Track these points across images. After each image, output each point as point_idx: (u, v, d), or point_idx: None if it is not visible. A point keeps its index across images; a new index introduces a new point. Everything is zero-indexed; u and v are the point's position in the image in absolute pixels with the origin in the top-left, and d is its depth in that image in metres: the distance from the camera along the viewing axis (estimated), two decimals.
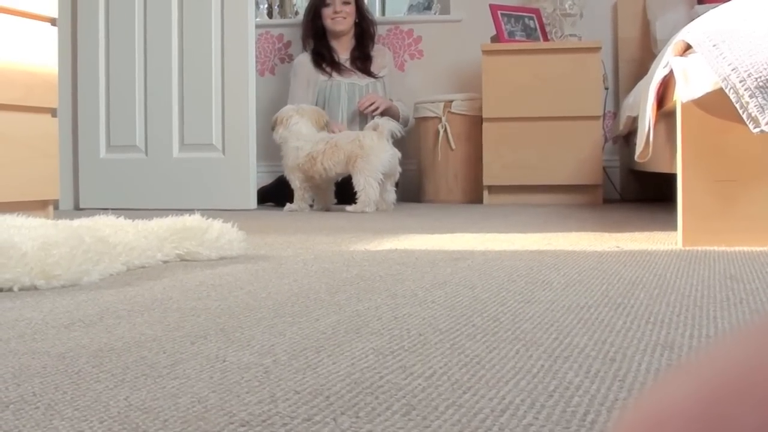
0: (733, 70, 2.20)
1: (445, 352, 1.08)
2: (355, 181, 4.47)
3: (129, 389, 0.93)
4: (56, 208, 4.04)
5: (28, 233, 1.88)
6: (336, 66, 5.54)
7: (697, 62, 2.32)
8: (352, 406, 0.85)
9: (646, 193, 5.32)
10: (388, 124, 4.57)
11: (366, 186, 4.41)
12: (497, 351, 1.09)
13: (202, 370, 1.01)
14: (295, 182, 4.65)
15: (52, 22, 3.68)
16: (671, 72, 2.49)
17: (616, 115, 5.54)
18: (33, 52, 3.55)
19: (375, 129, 4.51)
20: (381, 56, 5.66)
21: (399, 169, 4.63)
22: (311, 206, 4.74)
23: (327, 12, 5.52)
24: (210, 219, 2.28)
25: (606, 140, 5.48)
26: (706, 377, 0.32)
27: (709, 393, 0.31)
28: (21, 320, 1.39)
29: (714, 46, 2.27)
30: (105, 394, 0.91)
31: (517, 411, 0.83)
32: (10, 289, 1.73)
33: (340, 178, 4.73)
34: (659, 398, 0.33)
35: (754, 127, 2.16)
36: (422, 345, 1.13)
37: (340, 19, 5.51)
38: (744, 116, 2.17)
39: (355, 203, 4.46)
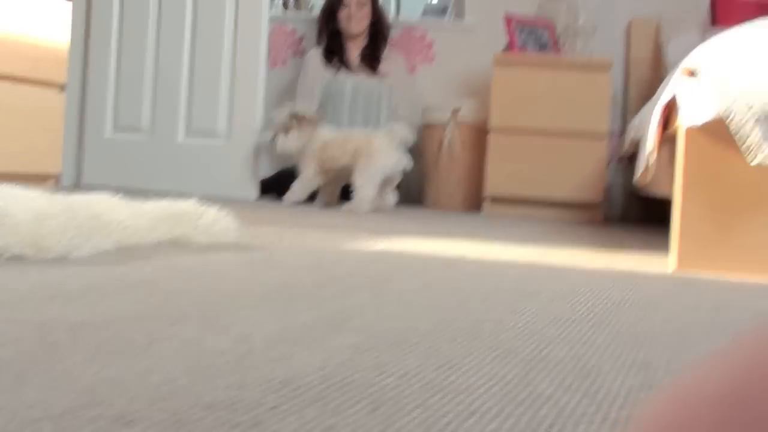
0: (735, 100, 2.20)
1: (422, 354, 1.08)
2: (354, 178, 4.48)
3: (101, 364, 0.93)
4: (58, 183, 4.03)
5: (24, 204, 1.88)
6: (345, 64, 5.54)
7: (701, 89, 2.32)
8: (320, 399, 0.85)
9: (647, 215, 5.32)
10: (402, 132, 4.60)
11: (364, 185, 4.42)
12: (474, 356, 1.09)
13: (176, 352, 1.01)
14: (308, 171, 4.66)
15: None
16: (676, 96, 2.49)
17: (622, 135, 5.53)
18: (44, 25, 3.55)
19: (389, 133, 4.55)
20: (392, 61, 5.66)
21: (399, 175, 4.67)
22: (311, 199, 4.75)
23: (343, 13, 5.53)
24: (205, 205, 2.28)
25: (610, 160, 5.48)
26: (729, 366, 0.32)
27: (732, 379, 0.31)
28: (5, 289, 1.39)
29: (719, 74, 2.27)
30: (77, 367, 0.91)
31: (483, 417, 0.83)
32: None
33: (347, 179, 4.71)
34: (682, 386, 0.33)
35: (752, 159, 2.16)
36: (400, 345, 1.13)
37: (355, 21, 5.52)
38: (743, 147, 2.17)
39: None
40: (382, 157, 4.47)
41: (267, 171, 5.48)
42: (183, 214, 2.20)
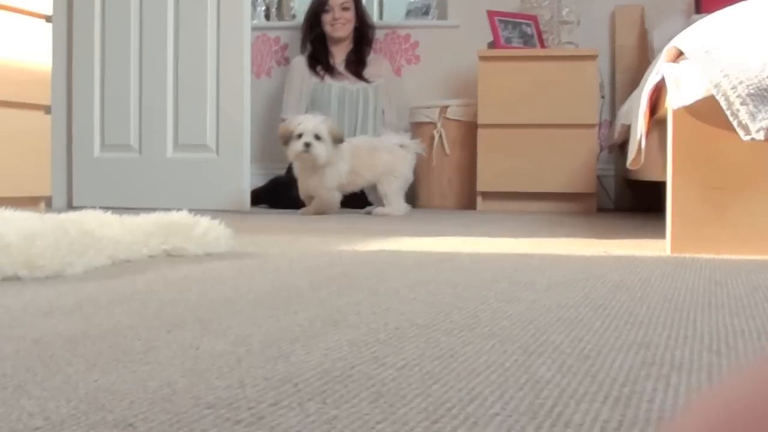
0: (725, 76, 2.20)
1: (420, 345, 1.08)
2: (386, 188, 4.52)
3: (100, 373, 0.93)
4: (49, 205, 4.03)
5: (14, 224, 1.88)
6: (330, 69, 5.56)
7: (689, 69, 2.33)
8: (320, 393, 0.85)
9: (640, 202, 5.32)
10: (417, 147, 4.70)
11: (397, 197, 4.53)
12: (472, 345, 1.09)
13: (174, 357, 1.01)
14: (334, 198, 4.51)
15: (47, 18, 3.69)
16: (663, 78, 2.49)
17: (611, 123, 5.55)
18: (27, 48, 3.55)
19: (402, 146, 4.57)
20: (378, 65, 5.68)
21: None
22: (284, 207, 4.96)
23: (326, 18, 5.54)
24: (197, 216, 2.28)
25: (601, 149, 5.49)
26: (725, 403, 0.33)
27: (726, 419, 0.32)
28: (0, 308, 1.39)
29: (706, 52, 2.28)
30: (75, 377, 0.91)
31: (485, 401, 0.83)
32: None
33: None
34: (685, 422, 0.34)
35: (745, 135, 2.16)
36: (398, 338, 1.13)
37: (339, 26, 5.53)
38: (735, 123, 2.17)
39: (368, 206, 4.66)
40: (408, 169, 4.60)
41: (258, 181, 5.49)
42: (175, 225, 2.20)
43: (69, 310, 1.36)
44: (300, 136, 4.27)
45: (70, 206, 5.18)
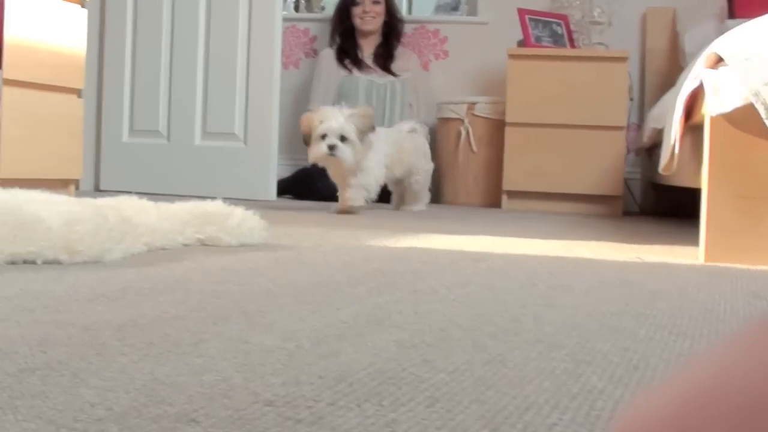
0: (764, 85, 2.19)
1: (467, 349, 1.08)
2: (415, 180, 4.36)
3: (153, 363, 0.94)
4: (77, 188, 4.05)
5: (54, 208, 1.89)
6: (358, 63, 5.56)
7: (728, 75, 2.31)
8: (375, 394, 0.85)
9: (666, 207, 5.30)
10: (424, 130, 4.69)
11: (426, 189, 4.49)
12: (519, 351, 1.09)
13: (225, 350, 1.02)
14: (374, 172, 4.06)
15: (82, 4, 3.70)
16: (701, 84, 2.48)
17: (640, 126, 5.53)
18: (62, 32, 3.57)
19: (413, 131, 4.49)
20: (406, 59, 5.67)
21: None
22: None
23: (356, 11, 5.54)
24: (232, 205, 2.29)
25: (628, 152, 5.47)
26: (685, 388, 0.33)
27: (685, 403, 0.32)
28: (45, 292, 1.40)
29: (746, 59, 2.27)
30: (130, 367, 0.92)
31: (540, 410, 0.83)
32: (33, 262, 1.75)
33: None
34: (642, 407, 0.34)
35: None
36: (444, 341, 1.13)
37: (369, 19, 5.54)
38: None
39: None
40: (429, 159, 4.53)
41: (284, 171, 5.50)
42: (211, 215, 2.21)
43: (114, 297, 1.37)
44: (324, 137, 3.83)
45: (97, 189, 5.21)
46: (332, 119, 3.83)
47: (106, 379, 0.87)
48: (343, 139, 3.82)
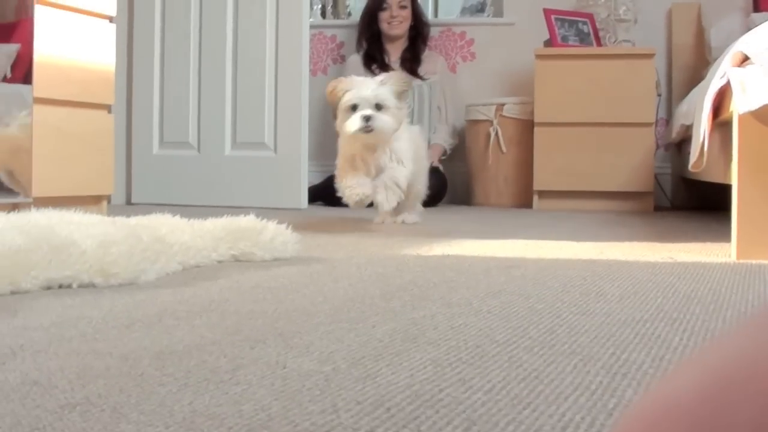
0: None
1: (503, 365, 1.09)
2: (420, 182, 3.71)
3: (192, 394, 0.94)
4: (108, 202, 4.08)
5: (87, 230, 1.91)
6: (385, 68, 5.56)
7: (755, 73, 2.30)
8: (413, 419, 0.86)
9: (697, 201, 5.28)
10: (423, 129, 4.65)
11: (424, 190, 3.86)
12: (555, 365, 1.09)
13: (263, 377, 1.02)
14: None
15: (110, 19, 3.72)
16: (728, 82, 2.47)
17: (668, 122, 5.50)
18: (91, 48, 3.59)
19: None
20: (432, 62, 5.68)
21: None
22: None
23: (384, 16, 5.56)
24: (264, 220, 2.30)
25: (658, 147, 5.44)
26: (705, 371, 0.33)
27: (707, 386, 0.32)
28: (82, 318, 1.41)
29: None
30: (169, 398, 0.93)
31: (578, 429, 0.83)
32: (69, 286, 1.76)
33: None
34: (658, 394, 0.34)
35: None
36: (480, 357, 1.13)
37: (396, 23, 5.55)
38: None
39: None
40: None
41: (315, 178, 5.51)
42: (243, 230, 2.22)
43: (150, 323, 1.38)
44: (354, 108, 3.25)
45: (129, 203, 5.24)
46: (363, 85, 3.28)
47: (145, 413, 0.87)
48: (378, 107, 3.24)
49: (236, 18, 5.05)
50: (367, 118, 3.19)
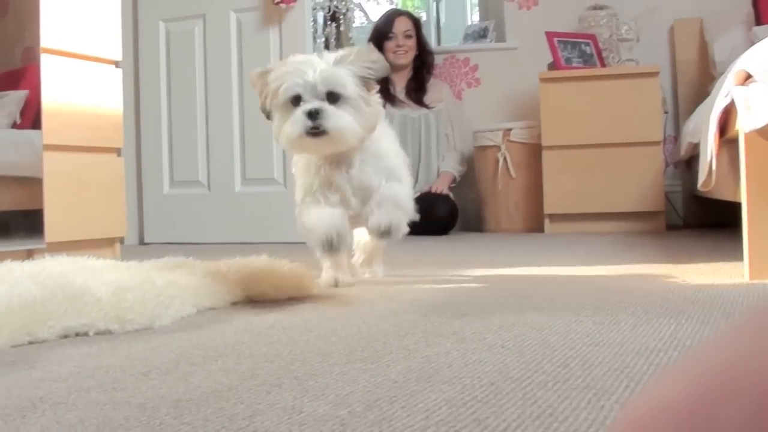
0: None
1: (518, 403, 1.10)
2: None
3: None
4: (121, 243, 4.10)
5: (101, 277, 1.93)
6: (390, 98, 5.58)
7: (758, 91, 2.31)
8: None
9: (710, 218, 5.27)
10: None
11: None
12: (569, 401, 1.10)
13: (279, 422, 1.03)
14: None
15: (116, 64, 3.76)
16: (733, 101, 2.48)
17: (676, 139, 5.51)
18: (98, 93, 3.63)
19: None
20: (438, 90, 5.70)
21: None
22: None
23: (389, 45, 5.58)
24: (277, 259, 2.31)
25: (667, 165, 5.45)
26: (695, 377, 0.33)
27: (698, 393, 0.33)
28: (99, 367, 1.43)
29: None
30: None
31: None
32: (85, 334, 1.78)
33: None
34: (650, 398, 0.35)
35: None
36: (495, 395, 1.14)
37: (401, 53, 5.58)
38: None
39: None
40: None
41: None
42: (258, 271, 2.24)
43: (166, 369, 1.39)
44: (297, 100, 2.18)
45: (142, 242, 5.27)
46: (307, 69, 2.18)
47: None
48: (332, 98, 2.18)
49: (240, 54, 5.09)
50: (313, 114, 2.14)
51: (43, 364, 1.49)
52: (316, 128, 2.13)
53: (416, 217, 2.29)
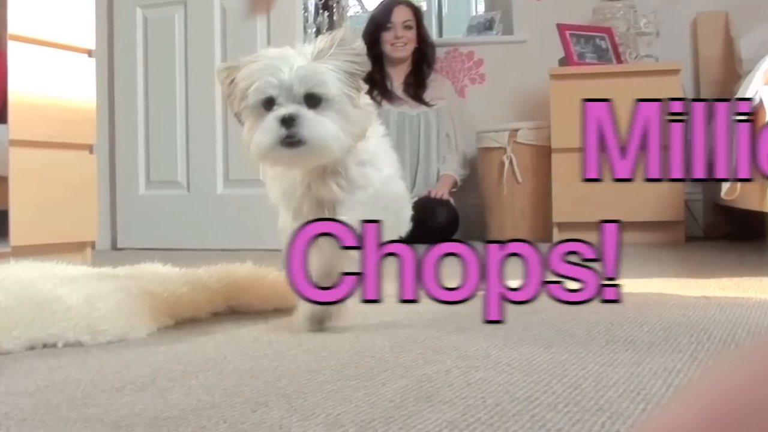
0: None
1: (525, 426, 1.10)
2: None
3: None
4: (93, 248, 4.10)
5: (71, 285, 1.93)
6: (387, 94, 5.57)
7: None
8: None
9: (733, 229, 5.27)
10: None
11: None
12: (581, 424, 1.10)
13: None
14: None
15: (89, 53, 3.76)
16: (761, 101, 2.50)
17: None
18: (70, 85, 3.63)
19: None
20: (438, 86, 5.69)
21: None
22: None
23: (387, 37, 5.57)
24: (263, 266, 2.31)
25: None
26: (709, 402, 0.34)
27: (711, 418, 0.33)
28: (69, 381, 1.43)
29: None
30: None
31: None
32: (54, 345, 1.78)
33: None
34: (663, 423, 0.35)
35: None
36: (500, 417, 1.15)
37: (400, 45, 5.57)
38: None
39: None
40: None
41: None
42: (241, 280, 2.24)
43: (142, 385, 1.39)
44: (269, 103, 1.99)
45: (115, 248, 5.27)
46: (282, 66, 1.98)
47: None
48: (312, 101, 1.97)
49: (224, 44, 5.09)
50: (287, 121, 1.94)
51: (8, 377, 1.49)
52: (291, 137, 1.93)
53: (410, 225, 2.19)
